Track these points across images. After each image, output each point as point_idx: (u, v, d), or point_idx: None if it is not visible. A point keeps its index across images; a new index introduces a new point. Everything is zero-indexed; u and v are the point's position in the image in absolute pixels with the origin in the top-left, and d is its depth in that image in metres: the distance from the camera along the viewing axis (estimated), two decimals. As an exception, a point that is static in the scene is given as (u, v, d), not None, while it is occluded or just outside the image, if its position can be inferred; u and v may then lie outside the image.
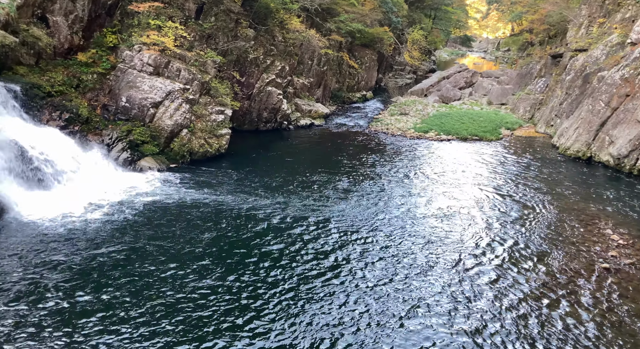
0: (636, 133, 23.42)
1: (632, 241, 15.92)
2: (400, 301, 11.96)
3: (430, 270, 13.57)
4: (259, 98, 28.54)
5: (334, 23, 36.76)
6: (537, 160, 25.96)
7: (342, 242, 15.07)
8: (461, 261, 14.16)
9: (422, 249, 14.85)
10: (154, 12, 22.14)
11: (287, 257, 13.94)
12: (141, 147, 20.53)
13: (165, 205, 16.91)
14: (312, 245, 14.74)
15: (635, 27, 27.18)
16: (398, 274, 13.30)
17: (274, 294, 11.99)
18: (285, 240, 14.99)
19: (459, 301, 12.07)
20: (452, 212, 17.87)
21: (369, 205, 18.25)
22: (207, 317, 10.93)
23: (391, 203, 18.52)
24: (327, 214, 17.08)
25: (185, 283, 12.21)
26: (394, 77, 59.96)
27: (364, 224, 16.46)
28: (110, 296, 11.45)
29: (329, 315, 11.32)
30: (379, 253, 14.47)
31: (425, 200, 19.09)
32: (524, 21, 56.57)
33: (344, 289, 12.44)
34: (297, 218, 16.55)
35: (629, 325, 11.41)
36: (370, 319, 11.25)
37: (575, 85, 30.72)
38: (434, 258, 14.27)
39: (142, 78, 21.01)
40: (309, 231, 15.69)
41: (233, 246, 14.39)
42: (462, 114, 35.38)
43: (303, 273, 13.13)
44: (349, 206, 17.99)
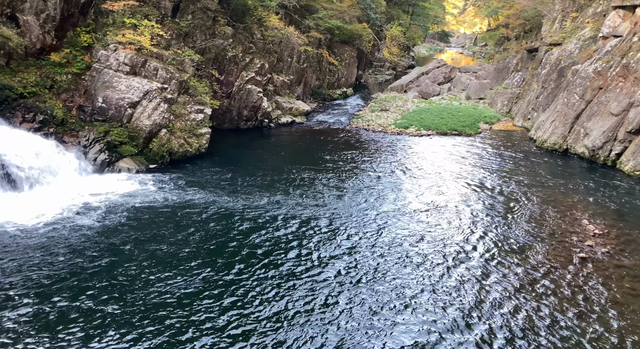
0: (609, 125, 24.01)
1: (607, 230, 16.34)
2: (390, 298, 12.05)
3: (417, 264, 13.69)
4: (239, 97, 28.34)
5: (313, 20, 36.70)
6: (516, 153, 26.41)
7: (328, 240, 15.09)
8: (446, 255, 14.32)
9: (409, 244, 14.96)
10: (129, 11, 21.74)
11: (272, 256, 13.89)
12: (119, 148, 20.19)
13: (145, 206, 16.67)
14: (297, 243, 14.72)
15: (606, 21, 27.82)
16: (386, 270, 13.38)
17: (259, 294, 11.93)
18: (269, 238, 14.94)
19: (443, 292, 12.22)
20: (434, 206, 18.06)
21: (352, 201, 18.31)
22: (191, 319, 10.83)
23: (375, 200, 18.62)
24: (312, 212, 17.07)
25: (169, 285, 12.06)
26: (373, 73, 60.22)
27: (349, 220, 16.51)
28: (91, 302, 11.24)
29: (316, 314, 11.33)
30: (366, 250, 14.53)
31: (409, 195, 19.25)
32: (500, 16, 57.42)
33: (331, 287, 12.46)
34: (280, 216, 16.50)
35: (605, 313, 11.71)
36: (361, 315, 11.30)
37: (550, 79, 31.32)
38: (419, 252, 14.39)
39: (118, 78, 20.63)
40: (293, 229, 15.66)
41: (216, 246, 14.28)
42: (442, 109, 35.75)
43: (289, 271, 13.10)
44: (333, 203, 18.02)
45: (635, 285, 12.97)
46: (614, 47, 26.13)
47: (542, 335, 10.81)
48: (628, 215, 17.75)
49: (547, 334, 10.84)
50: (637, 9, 25.76)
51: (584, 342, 10.64)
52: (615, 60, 25.29)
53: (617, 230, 16.37)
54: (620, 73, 24.44)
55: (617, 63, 25.00)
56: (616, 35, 26.79)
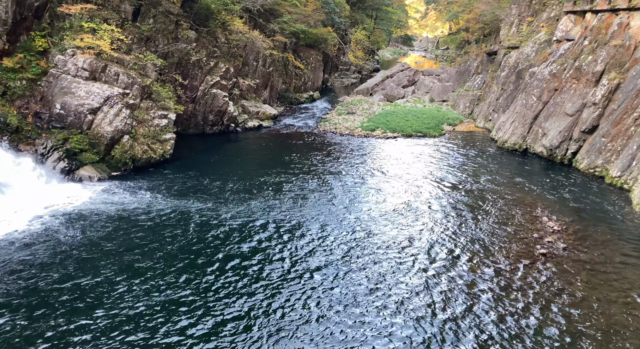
0: (565, 125, 25.04)
1: (565, 226, 17.02)
2: (361, 299, 12.13)
3: (386, 265, 13.85)
4: (204, 101, 27.98)
5: (278, 24, 36.66)
6: (478, 153, 27.15)
7: (298, 245, 15.06)
8: (414, 254, 14.54)
9: (378, 246, 15.11)
10: (87, 15, 21.13)
11: (238, 262, 13.75)
12: (79, 155, 19.55)
13: (107, 215, 16.19)
14: (265, 247, 14.63)
15: (559, 26, 29.03)
16: (358, 269, 13.47)
17: (224, 299, 11.79)
18: (236, 243, 14.78)
19: (409, 289, 12.41)
20: (402, 208, 18.32)
21: (321, 204, 18.35)
22: (157, 327, 10.59)
23: (343, 202, 18.72)
24: (279, 216, 17.00)
25: (131, 298, 11.74)
26: (339, 77, 60.67)
27: (318, 223, 16.53)
28: (55, 317, 10.82)
29: (287, 322, 11.29)
30: (334, 254, 14.58)
31: (378, 197, 19.45)
32: (460, 20, 59.01)
33: (301, 292, 12.44)
34: (247, 221, 16.36)
35: (565, 305, 12.18)
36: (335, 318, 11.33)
37: (509, 81, 32.39)
38: (388, 253, 14.56)
39: (77, 84, 20.00)
40: (261, 233, 15.56)
41: (180, 254, 14.01)
42: (407, 112, 36.38)
43: (258, 276, 13.00)
44: (302, 207, 18.01)
45: (592, 278, 13.55)
46: (567, 50, 27.30)
47: (504, 327, 11.13)
48: (584, 212, 18.53)
49: (509, 327, 11.18)
50: (587, 14, 27.02)
51: (545, 332, 11.03)
52: (568, 62, 26.42)
53: (575, 226, 17.07)
54: (573, 76, 25.55)
55: (570, 66, 26.13)
56: (569, 38, 28.01)
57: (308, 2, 42.20)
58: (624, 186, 20.92)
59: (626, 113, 22.31)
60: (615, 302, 12.37)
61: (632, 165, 20.91)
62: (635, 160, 20.84)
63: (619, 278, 13.60)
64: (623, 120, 22.38)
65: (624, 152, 21.66)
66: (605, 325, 11.41)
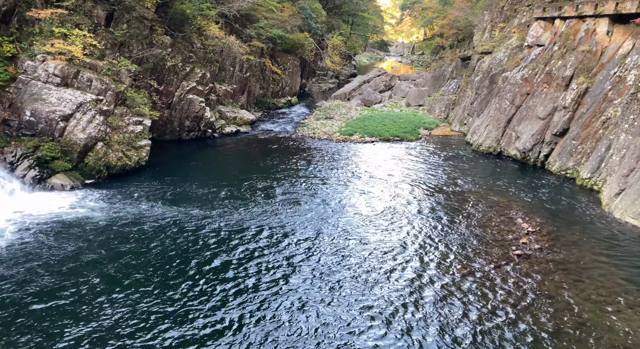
0: (537, 128, 25.67)
1: (539, 227, 17.40)
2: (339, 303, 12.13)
3: (367, 267, 13.89)
4: (180, 107, 27.66)
5: (254, 29, 36.60)
6: (454, 157, 27.57)
7: (276, 251, 14.98)
8: (394, 256, 14.63)
9: (359, 249, 15.16)
10: (58, 20, 20.67)
11: (215, 269, 13.59)
12: (51, 163, 19.05)
13: (80, 224, 15.80)
14: (241, 254, 14.50)
15: (530, 32, 29.81)
16: (337, 273, 13.46)
17: (202, 308, 11.63)
18: (212, 252, 14.60)
19: (392, 290, 12.48)
20: (381, 211, 18.43)
21: (300, 210, 18.31)
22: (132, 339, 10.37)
23: (322, 207, 18.72)
24: (258, 222, 16.89)
25: (103, 308, 11.48)
26: (317, 82, 60.89)
27: (296, 229, 16.48)
28: (24, 332, 10.47)
29: (266, 332, 11.20)
30: (314, 256, 14.56)
31: (357, 201, 19.51)
32: (435, 26, 60.04)
33: (278, 302, 12.37)
34: (224, 229, 16.20)
35: (539, 304, 12.44)
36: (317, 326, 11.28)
37: (483, 86, 33.05)
38: (369, 257, 14.62)
39: (48, 90, 19.52)
40: (238, 240, 15.42)
41: (155, 263, 13.76)
42: (384, 116, 36.72)
43: (233, 284, 12.87)
44: (280, 213, 17.93)
45: (565, 278, 13.87)
46: (538, 55, 28.04)
47: (478, 327, 11.29)
48: (557, 212, 19.00)
49: (483, 327, 11.34)
50: (556, 20, 27.83)
51: (520, 331, 11.22)
52: (539, 67, 27.13)
53: (548, 227, 17.47)
54: (544, 80, 26.24)
55: (541, 71, 26.83)
56: (539, 44, 28.78)
57: (284, 8, 42.29)
58: (594, 187, 21.54)
59: (594, 117, 23.02)
60: (588, 300, 12.69)
61: (601, 167, 21.56)
62: (604, 162, 21.49)
63: (591, 277, 13.96)
64: (592, 123, 23.07)
65: (593, 154, 22.32)
66: (578, 323, 11.68)
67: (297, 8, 45.31)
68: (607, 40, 24.27)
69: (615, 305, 12.48)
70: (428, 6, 59.24)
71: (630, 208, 17.99)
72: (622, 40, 23.62)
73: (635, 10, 22.26)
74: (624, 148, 20.23)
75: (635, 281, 13.71)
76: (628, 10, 22.67)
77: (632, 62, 22.08)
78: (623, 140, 20.45)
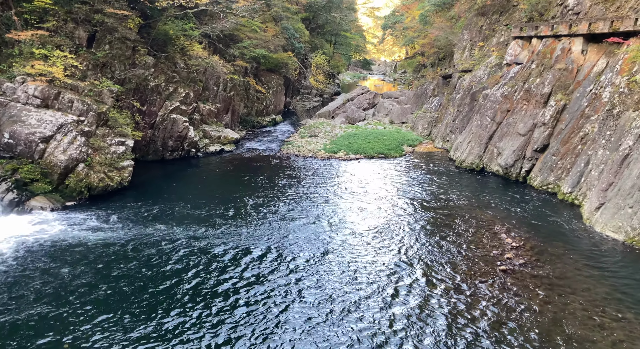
0: (518, 144, 26.11)
1: (523, 242, 17.55)
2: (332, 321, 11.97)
3: (353, 284, 13.78)
4: (163, 127, 27.50)
5: (238, 49, 36.83)
6: (438, 173, 27.82)
7: (265, 270, 14.80)
8: (380, 272, 14.56)
9: (345, 267, 15.06)
10: (38, 41, 20.54)
11: (199, 293, 13.35)
12: (30, 185, 18.69)
13: (60, 247, 15.43)
14: (226, 276, 14.28)
15: (508, 50, 30.57)
16: (324, 291, 13.32)
17: (182, 331, 11.37)
18: (196, 273, 14.36)
19: (381, 306, 12.37)
20: (366, 228, 18.40)
21: (286, 228, 18.18)
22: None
23: (309, 225, 18.63)
24: (243, 242, 16.71)
25: (77, 334, 11.14)
26: (301, 100, 61.28)
27: (282, 248, 16.34)
28: None
29: (249, 348, 10.98)
30: (302, 275, 14.41)
31: (343, 218, 19.46)
32: (416, 45, 61.18)
33: (264, 326, 12.17)
34: (208, 250, 15.98)
35: (524, 320, 12.46)
36: (291, 346, 11.10)
37: (464, 103, 33.62)
38: (356, 275, 14.52)
39: (28, 112, 19.26)
40: (221, 262, 15.20)
41: (138, 287, 13.46)
42: (368, 133, 37.01)
43: (217, 307, 12.64)
44: (266, 231, 17.77)
45: (550, 293, 13.95)
46: (517, 73, 28.70)
47: (464, 342, 11.26)
48: (540, 227, 19.21)
49: (468, 341, 11.29)
50: (533, 39, 28.61)
51: (507, 347, 11.22)
52: (518, 84, 27.75)
53: (531, 242, 17.63)
54: (523, 97, 26.82)
55: (520, 88, 27.44)
56: (517, 62, 29.49)
57: (268, 28, 42.73)
58: (574, 202, 21.88)
59: (573, 133, 23.53)
60: (572, 315, 12.75)
61: (581, 182, 21.96)
62: (584, 176, 21.90)
63: (575, 291, 14.07)
64: (571, 139, 23.57)
65: (573, 169, 22.74)
66: (564, 338, 11.70)
67: (281, 28, 45.84)
68: (582, 58, 25.00)
69: (599, 319, 12.56)
70: (409, 26, 60.42)
71: (610, 222, 18.29)
72: (596, 59, 24.35)
73: (608, 30, 23.03)
74: (602, 163, 20.66)
75: (617, 295, 13.85)
76: (601, 30, 23.44)
77: (607, 80, 22.74)
78: (601, 155, 20.91)
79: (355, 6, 76.84)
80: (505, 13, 36.24)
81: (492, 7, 37.43)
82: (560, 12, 28.69)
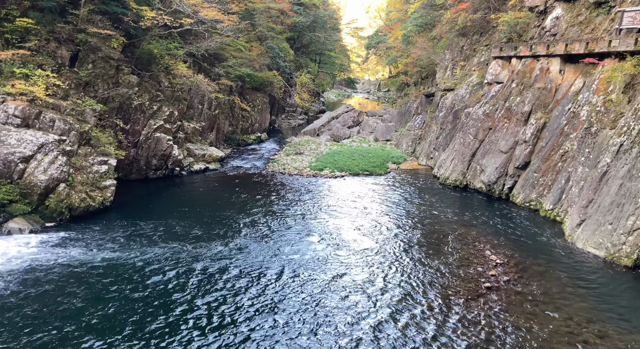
0: (500, 162, 26.52)
1: (507, 259, 17.68)
2: (305, 346, 11.80)
3: (340, 305, 13.65)
4: (147, 145, 27.28)
5: (223, 68, 36.99)
6: (422, 190, 28.02)
7: (248, 294, 14.59)
8: (365, 291, 14.47)
9: (329, 288, 14.93)
10: (20, 60, 20.36)
11: (181, 317, 13.08)
12: (9, 207, 18.25)
13: (38, 271, 15.03)
14: (210, 299, 14.04)
15: (489, 70, 31.27)
16: (311, 316, 13.16)
17: (170, 358, 11.09)
18: (181, 293, 14.10)
19: (363, 323, 12.25)
20: (351, 247, 18.34)
21: (272, 248, 18.02)
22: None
23: (294, 244, 18.50)
24: (227, 263, 16.49)
25: (66, 359, 10.79)
26: (286, 118, 61.56)
27: (267, 269, 16.16)
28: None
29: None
30: (287, 298, 14.24)
31: (328, 236, 19.39)
32: (399, 64, 62.18)
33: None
34: (191, 272, 15.72)
35: (510, 338, 12.46)
36: None
37: (447, 121, 34.14)
38: (341, 293, 14.40)
39: (7, 132, 18.95)
40: (205, 285, 14.96)
41: (122, 309, 13.15)
42: (353, 151, 37.23)
43: (204, 332, 12.39)
44: (251, 251, 17.58)
45: (534, 310, 14.01)
46: (498, 92, 29.33)
47: (458, 369, 11.17)
48: (523, 244, 19.39)
49: (462, 367, 11.23)
50: (512, 59, 29.35)
51: (496, 371, 11.16)
52: (499, 103, 28.32)
53: (516, 259, 17.76)
54: (505, 115, 27.35)
55: (501, 106, 28.01)
56: (498, 81, 30.16)
57: (253, 47, 43.08)
58: (556, 218, 22.20)
59: (553, 150, 24.01)
60: (557, 332, 12.80)
61: (562, 199, 22.32)
62: (565, 193, 22.27)
63: (559, 308, 14.16)
64: (551, 157, 24.03)
65: (554, 186, 23.13)
66: (549, 356, 11.73)
67: (266, 47, 46.26)
68: (560, 78, 25.68)
69: (583, 336, 12.63)
70: (392, 45, 61.51)
71: (592, 238, 18.57)
72: (573, 78, 25.04)
73: (583, 51, 23.75)
74: (582, 180, 21.07)
75: (600, 312, 13.98)
76: (577, 51, 24.17)
77: (584, 99, 23.36)
78: (580, 173, 21.33)
79: (340, 26, 78.10)
80: (485, 34, 37.20)
81: (472, 28, 38.41)
82: (538, 33, 29.55)
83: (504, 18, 31.34)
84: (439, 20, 45.01)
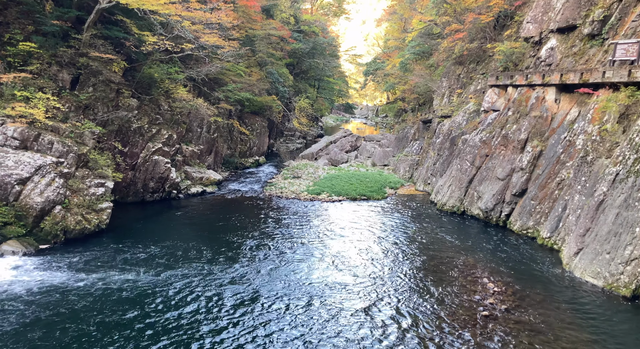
0: (497, 189, 26.57)
1: (505, 287, 17.50)
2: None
3: (336, 333, 13.42)
4: (145, 168, 27.29)
5: (222, 92, 37.40)
6: (420, 216, 27.95)
7: (244, 319, 14.36)
8: (359, 318, 14.25)
9: (330, 321, 14.71)
10: (21, 83, 20.56)
11: (177, 342, 12.83)
12: (3, 229, 18.10)
13: (29, 295, 14.79)
14: (207, 326, 13.80)
15: (485, 98, 31.68)
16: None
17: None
18: (176, 318, 13.85)
19: None
20: (348, 274, 18.16)
21: (268, 273, 17.82)
22: None
23: (290, 270, 18.30)
24: (224, 288, 16.27)
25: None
26: (285, 142, 61.88)
27: (265, 295, 15.94)
28: None
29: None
30: (284, 325, 14.01)
31: (323, 263, 19.21)
32: (397, 91, 63.06)
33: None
34: (188, 295, 15.49)
35: (511, 370, 12.24)
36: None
37: (444, 147, 34.36)
38: (337, 322, 14.18)
39: (5, 153, 18.96)
40: (203, 310, 14.73)
41: (116, 335, 12.89)
42: (350, 176, 37.29)
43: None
44: (248, 276, 17.38)
45: (532, 339, 13.80)
46: (494, 120, 29.64)
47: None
48: (521, 272, 19.24)
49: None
50: (508, 87, 29.79)
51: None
52: (496, 131, 28.58)
53: (513, 287, 17.59)
54: (501, 143, 27.57)
55: (498, 134, 28.26)
56: (494, 109, 30.53)
57: (252, 72, 43.68)
58: (554, 246, 22.10)
59: (550, 178, 24.11)
60: (557, 364, 12.58)
61: (559, 227, 22.28)
62: (562, 221, 22.25)
63: (558, 338, 13.95)
64: (548, 184, 24.11)
65: (551, 214, 23.12)
66: (549, 390, 11.48)
67: (265, 72, 46.90)
68: (555, 106, 26.02)
69: (583, 369, 12.41)
70: (390, 72, 62.46)
71: (589, 267, 18.46)
72: (569, 107, 25.37)
73: (578, 81, 24.14)
74: (578, 209, 21.08)
75: (598, 343, 13.77)
76: (571, 81, 24.57)
77: (580, 128, 23.61)
78: (577, 201, 21.36)
79: (338, 53, 79.46)
80: (481, 62, 37.87)
81: (469, 56, 39.12)
82: (533, 63, 30.09)
83: (500, 48, 31.97)
84: (436, 48, 45.89)
